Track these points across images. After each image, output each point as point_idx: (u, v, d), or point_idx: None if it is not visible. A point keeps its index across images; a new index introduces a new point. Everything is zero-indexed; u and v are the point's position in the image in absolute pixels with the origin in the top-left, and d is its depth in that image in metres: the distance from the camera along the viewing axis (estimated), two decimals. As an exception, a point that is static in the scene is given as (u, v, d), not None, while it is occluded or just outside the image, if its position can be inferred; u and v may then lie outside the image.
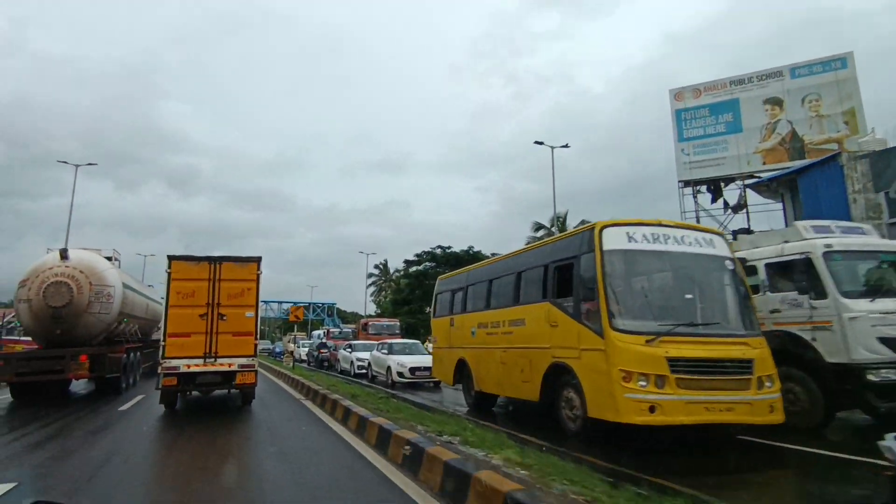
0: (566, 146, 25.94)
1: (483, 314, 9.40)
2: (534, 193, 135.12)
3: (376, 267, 61.99)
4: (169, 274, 9.55)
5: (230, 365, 9.46)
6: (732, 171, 25.29)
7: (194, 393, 10.16)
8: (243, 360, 9.55)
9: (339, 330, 37.68)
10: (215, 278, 9.69)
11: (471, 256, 43.97)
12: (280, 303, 62.25)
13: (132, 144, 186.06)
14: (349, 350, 20.54)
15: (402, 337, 28.40)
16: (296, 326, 27.97)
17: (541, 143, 25.26)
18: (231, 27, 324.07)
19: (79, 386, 14.58)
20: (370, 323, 31.40)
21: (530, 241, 36.91)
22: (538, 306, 7.57)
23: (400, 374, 14.52)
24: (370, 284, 65.25)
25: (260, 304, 10.26)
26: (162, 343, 9.51)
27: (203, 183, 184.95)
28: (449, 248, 46.54)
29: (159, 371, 9.34)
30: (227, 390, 10.47)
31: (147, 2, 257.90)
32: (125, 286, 13.52)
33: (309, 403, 10.41)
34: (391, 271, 64.92)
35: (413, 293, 46.42)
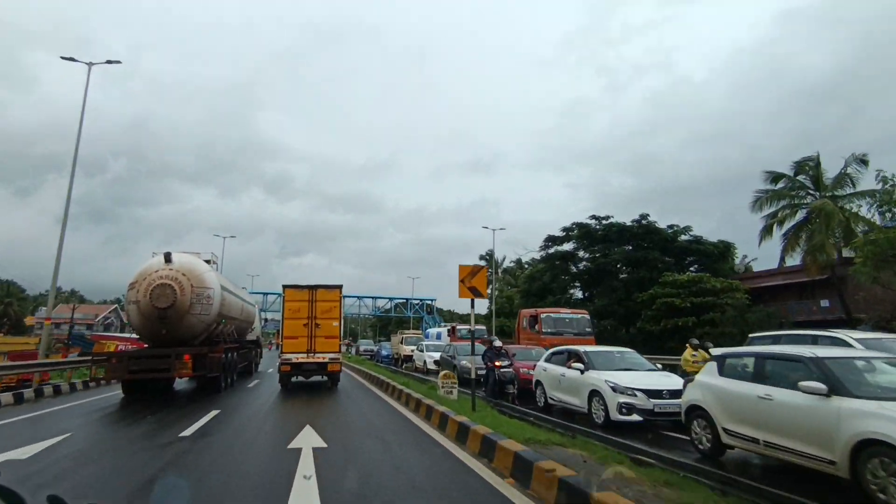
0: None
1: None
2: (631, 188, 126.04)
3: (481, 258, 54.01)
4: (283, 297, 14.21)
5: (324, 358, 13.74)
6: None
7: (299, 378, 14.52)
8: (332, 355, 13.87)
9: (466, 328, 24.50)
10: (313, 300, 13.88)
11: (643, 228, 32.78)
12: (374, 298, 59.01)
13: (234, 154, 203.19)
14: (576, 366, 9.67)
15: (595, 337, 18.01)
16: (437, 319, 18.71)
17: None
18: (324, 40, 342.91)
19: (180, 384, 14.87)
20: (542, 315, 18.96)
21: (759, 198, 23.99)
22: None
23: None
24: (473, 277, 58.03)
25: (355, 300, 15.72)
26: (280, 343, 14.31)
27: (298, 187, 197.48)
28: (607, 217, 34.42)
29: (279, 361, 13.91)
30: (320, 376, 14.41)
31: (249, 22, 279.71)
32: (223, 288, 13.67)
33: None
34: (500, 261, 56.45)
35: (554, 281, 34.72)
